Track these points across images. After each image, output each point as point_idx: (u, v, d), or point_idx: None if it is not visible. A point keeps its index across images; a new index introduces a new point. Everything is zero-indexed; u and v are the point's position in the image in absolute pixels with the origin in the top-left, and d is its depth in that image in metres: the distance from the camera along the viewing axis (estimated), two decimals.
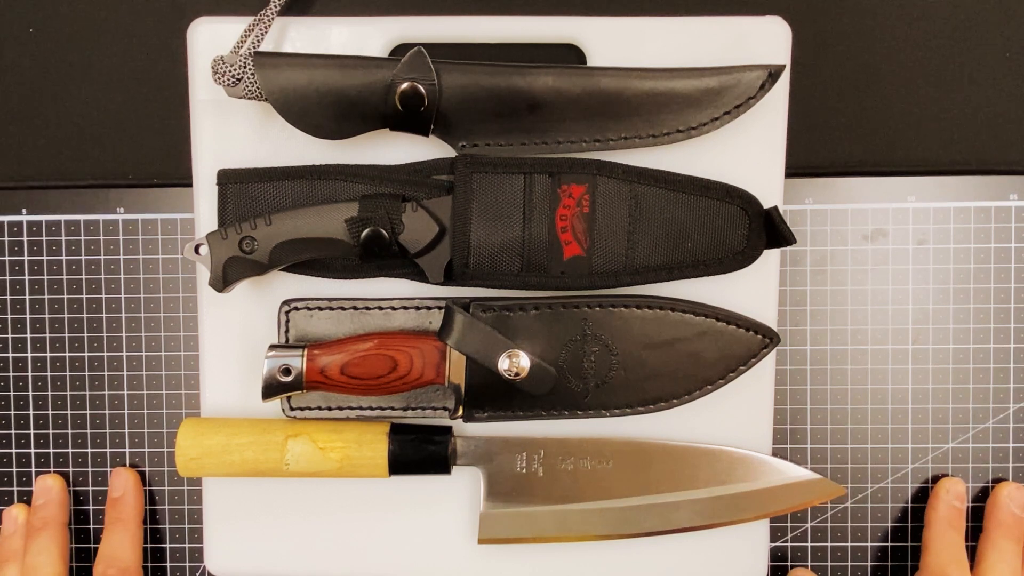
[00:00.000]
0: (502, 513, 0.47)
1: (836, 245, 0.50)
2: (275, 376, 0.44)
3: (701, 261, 0.45)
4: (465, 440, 0.47)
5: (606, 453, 0.47)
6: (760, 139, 0.46)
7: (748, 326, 0.46)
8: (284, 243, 0.44)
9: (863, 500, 0.51)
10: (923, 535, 0.49)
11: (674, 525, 0.47)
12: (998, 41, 0.50)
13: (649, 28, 0.46)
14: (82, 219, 0.50)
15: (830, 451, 0.51)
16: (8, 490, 0.51)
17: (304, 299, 0.46)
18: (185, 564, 0.51)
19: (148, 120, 0.50)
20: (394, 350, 0.44)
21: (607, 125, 0.45)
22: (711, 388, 0.46)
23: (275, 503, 0.48)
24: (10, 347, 0.51)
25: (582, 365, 0.46)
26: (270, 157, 0.46)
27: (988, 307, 0.50)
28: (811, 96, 0.50)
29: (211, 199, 0.46)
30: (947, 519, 0.48)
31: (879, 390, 0.50)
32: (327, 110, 0.43)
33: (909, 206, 0.50)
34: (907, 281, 0.50)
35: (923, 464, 0.51)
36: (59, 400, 0.51)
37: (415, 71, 0.43)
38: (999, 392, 0.50)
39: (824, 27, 0.49)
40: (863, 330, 0.50)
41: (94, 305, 0.50)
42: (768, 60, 0.45)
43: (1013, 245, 0.50)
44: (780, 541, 0.51)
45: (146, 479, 0.51)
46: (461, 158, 0.45)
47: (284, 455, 0.45)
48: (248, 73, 0.43)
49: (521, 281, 0.45)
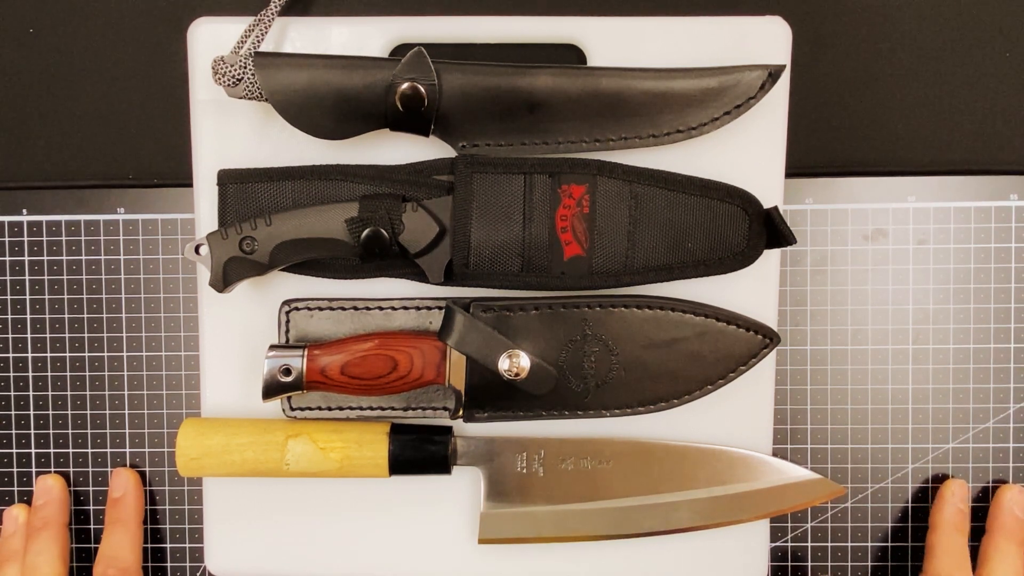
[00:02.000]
0: (502, 513, 0.47)
1: (836, 245, 0.50)
2: (275, 376, 0.44)
3: (701, 261, 0.45)
4: (465, 440, 0.47)
5: (606, 453, 0.47)
6: (760, 139, 0.46)
7: (748, 326, 0.46)
8: (284, 243, 0.44)
9: (863, 500, 0.51)
10: (927, 538, 0.49)
11: (674, 525, 0.47)
12: (998, 41, 0.50)
13: (649, 28, 0.46)
14: (82, 219, 0.50)
15: (830, 451, 0.51)
16: (8, 490, 0.51)
17: (304, 299, 0.46)
18: (185, 564, 0.51)
19: (148, 120, 0.50)
20: (394, 350, 0.44)
21: (607, 125, 0.45)
22: (711, 388, 0.46)
23: (275, 503, 0.48)
24: (10, 347, 0.51)
25: (582, 365, 0.46)
26: (270, 157, 0.46)
27: (988, 307, 0.50)
28: (811, 96, 0.50)
29: (211, 199, 0.46)
30: (953, 523, 0.48)
31: (879, 390, 0.50)
32: (327, 110, 0.43)
33: (909, 206, 0.50)
34: (907, 281, 0.50)
35: (923, 464, 0.51)
36: (59, 400, 0.51)
37: (415, 71, 0.43)
38: (999, 392, 0.50)
39: (824, 27, 0.49)
40: (863, 330, 0.50)
41: (94, 305, 0.50)
42: (768, 60, 0.45)
43: (1013, 245, 0.50)
44: (780, 541, 0.51)
45: (146, 479, 0.51)
46: (461, 158, 0.45)
47: (284, 455, 0.45)
48: (248, 73, 0.43)
49: (521, 281, 0.45)
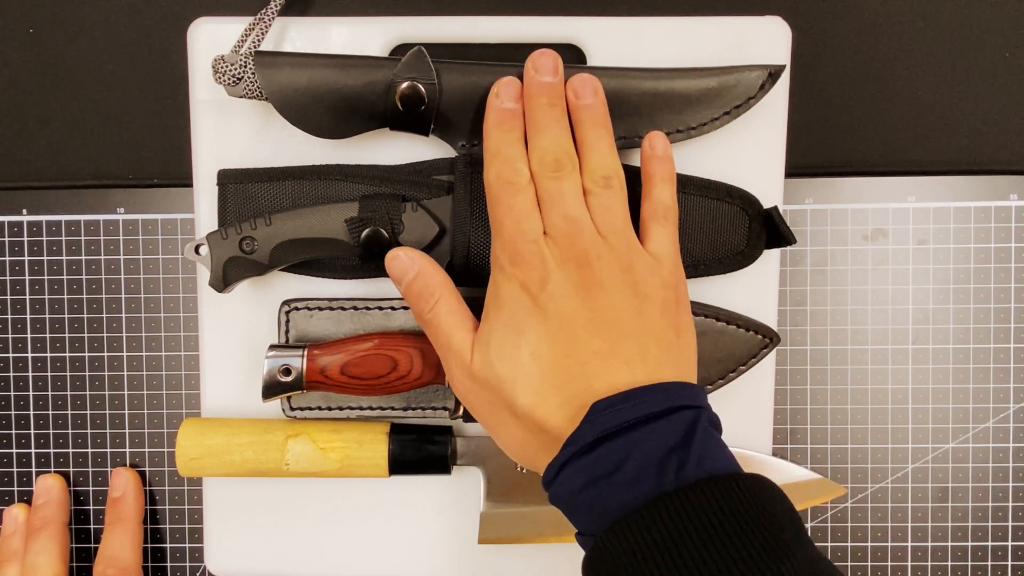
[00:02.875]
0: (502, 513, 0.47)
1: (836, 245, 0.50)
2: (275, 376, 0.44)
3: (701, 261, 0.45)
4: (465, 440, 0.47)
5: None
6: (760, 139, 0.46)
7: (748, 326, 0.46)
8: (284, 243, 0.44)
9: (863, 500, 0.51)
10: None
11: None
12: (998, 41, 0.50)
13: (649, 28, 0.46)
14: (82, 219, 0.50)
15: (830, 451, 0.51)
16: (8, 490, 0.51)
17: (304, 299, 0.46)
18: (185, 564, 0.51)
19: (148, 120, 0.50)
20: (394, 350, 0.44)
21: None
22: (711, 388, 0.46)
23: (275, 503, 0.48)
24: (10, 347, 0.51)
25: None
26: (270, 157, 0.46)
27: (988, 307, 0.50)
28: (811, 96, 0.50)
29: (211, 199, 0.46)
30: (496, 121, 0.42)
31: (879, 390, 0.50)
32: (327, 110, 0.43)
33: (909, 206, 0.50)
34: (907, 281, 0.50)
35: (923, 464, 0.51)
36: (59, 400, 0.51)
37: (415, 71, 0.43)
38: (999, 392, 0.50)
39: (824, 27, 0.49)
40: (863, 330, 0.50)
41: (94, 305, 0.50)
42: (768, 60, 0.45)
43: (1013, 245, 0.50)
44: None
45: (146, 479, 0.51)
46: (461, 158, 0.45)
47: (284, 455, 0.45)
48: (248, 73, 0.43)
49: None
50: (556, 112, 0.41)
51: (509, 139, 0.41)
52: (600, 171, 0.40)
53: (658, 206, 0.42)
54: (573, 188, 0.40)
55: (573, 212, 0.39)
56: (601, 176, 0.40)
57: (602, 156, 0.41)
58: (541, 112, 0.41)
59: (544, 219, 0.39)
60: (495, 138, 0.41)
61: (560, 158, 0.40)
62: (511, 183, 0.40)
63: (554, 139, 0.41)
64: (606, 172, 0.40)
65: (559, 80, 0.42)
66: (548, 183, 0.40)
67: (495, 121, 0.41)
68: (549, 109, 0.41)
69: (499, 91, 0.42)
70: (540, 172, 0.40)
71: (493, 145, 0.41)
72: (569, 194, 0.40)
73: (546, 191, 0.40)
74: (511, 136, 0.41)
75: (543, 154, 0.40)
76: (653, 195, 0.42)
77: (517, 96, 0.42)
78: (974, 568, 0.51)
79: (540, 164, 0.40)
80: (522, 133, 0.41)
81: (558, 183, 0.40)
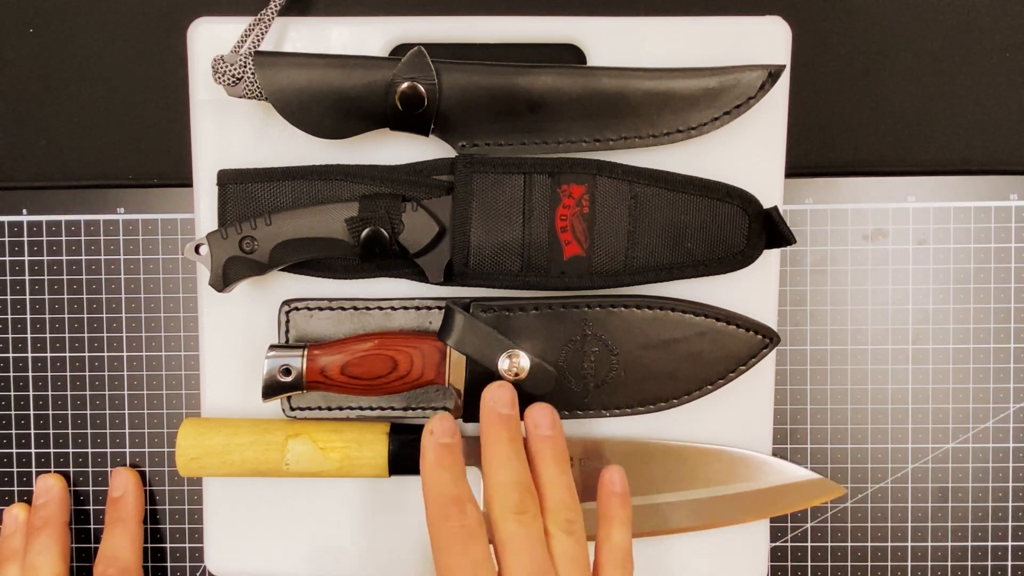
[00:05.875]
0: None
1: (836, 245, 0.50)
2: (275, 376, 0.44)
3: (701, 261, 0.45)
4: (465, 440, 0.47)
5: (606, 453, 0.47)
6: (760, 139, 0.46)
7: (748, 326, 0.46)
8: (284, 243, 0.44)
9: (863, 500, 0.51)
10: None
11: (674, 525, 0.47)
12: (998, 41, 0.50)
13: (649, 28, 0.46)
14: (82, 219, 0.50)
15: (830, 451, 0.51)
16: (9, 490, 0.51)
17: (304, 299, 0.46)
18: (185, 564, 0.51)
19: (148, 120, 0.50)
20: (394, 350, 0.44)
21: (607, 125, 0.45)
22: (711, 388, 0.46)
23: (275, 503, 0.48)
24: (10, 347, 0.51)
25: (582, 365, 0.46)
26: (270, 157, 0.46)
27: (988, 307, 0.50)
28: (811, 96, 0.50)
29: (211, 199, 0.46)
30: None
31: (879, 390, 0.50)
32: (327, 110, 0.43)
33: (909, 206, 0.50)
34: (907, 281, 0.50)
35: (923, 464, 0.51)
36: (59, 400, 0.51)
37: (415, 71, 0.43)
38: (999, 392, 0.50)
39: (824, 27, 0.49)
40: (863, 330, 0.50)
41: (94, 305, 0.51)
42: (768, 60, 0.45)
43: (1013, 245, 0.50)
44: (780, 541, 0.51)
45: (146, 479, 0.51)
46: (461, 158, 0.45)
47: (284, 455, 0.45)
48: (248, 73, 0.43)
49: (521, 281, 0.45)
50: (516, 446, 0.40)
51: (450, 476, 0.39)
52: (563, 512, 0.39)
53: (617, 552, 0.40)
54: (538, 533, 0.38)
55: (540, 564, 0.37)
56: (564, 519, 0.38)
57: (564, 495, 0.39)
58: (501, 446, 0.39)
59: (503, 564, 0.37)
60: (435, 476, 0.39)
61: (524, 498, 0.38)
62: (463, 527, 0.37)
63: (517, 475, 0.39)
64: (569, 515, 0.39)
65: (515, 413, 0.41)
66: (511, 526, 0.37)
67: (433, 460, 0.39)
68: (510, 444, 0.40)
69: (432, 428, 0.40)
70: (501, 513, 0.38)
71: (435, 485, 0.39)
72: (536, 541, 0.37)
73: (509, 534, 0.37)
74: (451, 472, 0.39)
75: (505, 492, 0.38)
76: (613, 539, 0.40)
77: (453, 431, 0.40)
78: (974, 568, 0.51)
79: (502, 504, 0.38)
80: (463, 468, 0.40)
81: (523, 528, 0.37)
